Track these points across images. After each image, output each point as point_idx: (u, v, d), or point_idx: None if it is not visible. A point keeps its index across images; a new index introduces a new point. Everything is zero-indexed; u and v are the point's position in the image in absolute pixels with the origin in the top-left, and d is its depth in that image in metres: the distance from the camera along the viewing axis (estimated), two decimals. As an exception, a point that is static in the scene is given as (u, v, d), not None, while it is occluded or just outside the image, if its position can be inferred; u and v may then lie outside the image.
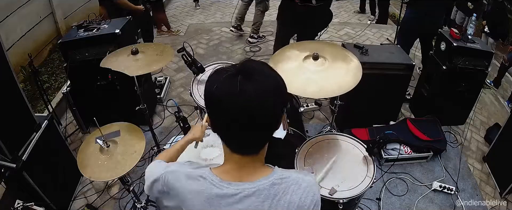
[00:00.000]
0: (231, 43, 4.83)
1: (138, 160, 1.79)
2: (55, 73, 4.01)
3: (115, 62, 2.12)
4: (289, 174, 0.89)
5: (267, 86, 0.78)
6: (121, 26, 2.73)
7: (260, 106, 0.77)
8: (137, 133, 1.94)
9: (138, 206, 2.22)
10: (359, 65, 1.90)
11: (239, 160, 0.87)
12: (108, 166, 1.77)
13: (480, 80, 3.03)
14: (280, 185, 0.85)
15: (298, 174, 0.91)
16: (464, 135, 3.26)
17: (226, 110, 0.78)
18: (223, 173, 0.87)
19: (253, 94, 0.76)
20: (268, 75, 0.82)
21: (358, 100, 2.62)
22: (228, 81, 0.77)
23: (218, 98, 0.79)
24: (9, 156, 1.97)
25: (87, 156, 1.82)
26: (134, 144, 1.87)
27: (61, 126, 3.03)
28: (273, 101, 0.80)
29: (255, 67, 0.82)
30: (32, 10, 4.00)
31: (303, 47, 2.05)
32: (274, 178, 0.86)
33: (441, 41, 3.03)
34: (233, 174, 0.87)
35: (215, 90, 0.79)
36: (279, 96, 0.82)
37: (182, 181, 0.89)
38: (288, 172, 0.90)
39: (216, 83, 0.79)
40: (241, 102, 0.76)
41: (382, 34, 5.27)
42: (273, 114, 0.82)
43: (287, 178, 0.87)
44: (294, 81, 1.81)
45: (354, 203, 1.92)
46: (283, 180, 0.86)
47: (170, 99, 3.58)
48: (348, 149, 1.95)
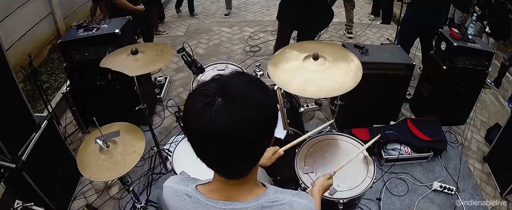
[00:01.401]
0: (231, 43, 4.83)
1: (137, 160, 1.79)
2: (55, 73, 4.00)
3: (115, 62, 2.12)
4: (283, 197, 0.83)
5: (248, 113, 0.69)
6: (121, 26, 2.73)
7: (240, 135, 0.69)
8: (137, 133, 1.93)
9: (138, 206, 2.22)
10: (360, 65, 1.90)
11: (226, 181, 0.82)
12: (107, 166, 1.77)
13: (480, 80, 3.02)
14: (271, 208, 0.80)
15: (292, 197, 0.84)
16: (465, 135, 3.25)
17: (203, 139, 0.71)
18: (210, 192, 0.83)
19: (231, 124, 0.67)
20: (250, 99, 0.71)
21: (358, 100, 2.61)
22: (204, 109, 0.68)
23: (194, 127, 0.72)
24: (9, 156, 1.97)
25: (86, 156, 1.82)
26: (133, 144, 1.87)
27: (61, 126, 3.03)
28: (256, 129, 0.71)
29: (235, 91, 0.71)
30: (31, 10, 3.99)
31: (303, 47, 2.04)
32: (264, 201, 0.80)
33: (442, 41, 3.03)
34: (221, 193, 0.82)
35: (191, 119, 0.71)
36: (264, 122, 0.73)
37: (171, 199, 0.88)
38: (282, 194, 0.83)
39: (191, 112, 0.71)
40: (218, 132, 0.68)
41: (382, 34, 5.26)
42: (256, 142, 0.74)
43: (279, 201, 0.81)
44: (294, 81, 1.80)
45: (354, 203, 1.91)
46: (274, 203, 0.80)
47: (170, 99, 3.58)
48: (348, 149, 1.95)
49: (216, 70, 2.39)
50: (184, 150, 1.92)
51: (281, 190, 0.85)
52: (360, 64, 1.89)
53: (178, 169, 1.82)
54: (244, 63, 4.24)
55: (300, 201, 0.83)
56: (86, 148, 1.86)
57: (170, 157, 1.96)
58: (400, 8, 4.19)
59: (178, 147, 1.96)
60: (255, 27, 5.27)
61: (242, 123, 0.68)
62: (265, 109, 0.73)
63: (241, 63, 4.13)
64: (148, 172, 2.70)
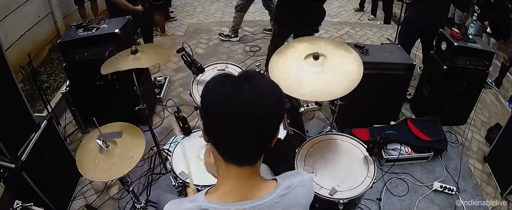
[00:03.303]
0: (231, 43, 4.82)
1: (133, 166, 1.76)
2: (54, 73, 4.00)
3: (115, 64, 2.10)
4: (292, 180, 0.89)
5: (266, 91, 0.77)
6: (120, 26, 2.72)
7: (259, 110, 0.75)
8: (138, 136, 1.90)
9: (138, 206, 2.21)
10: (360, 61, 1.88)
11: (237, 174, 0.82)
12: (104, 166, 1.76)
13: (481, 80, 3.02)
14: (289, 194, 0.85)
15: (296, 177, 0.91)
16: (465, 135, 3.25)
17: (223, 115, 0.75)
18: (223, 195, 0.82)
19: (252, 99, 0.74)
20: (266, 81, 0.81)
21: (358, 100, 2.60)
22: (226, 86, 0.76)
23: (215, 103, 0.76)
24: (8, 156, 1.96)
25: (85, 155, 1.81)
26: (132, 148, 1.84)
27: (60, 126, 3.02)
28: (272, 106, 0.78)
29: (257, 75, 0.81)
30: (31, 10, 3.99)
31: (303, 47, 2.03)
32: (281, 189, 0.85)
33: (442, 41, 3.02)
34: (235, 193, 0.82)
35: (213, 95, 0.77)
36: (279, 101, 0.81)
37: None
38: (289, 178, 0.90)
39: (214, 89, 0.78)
40: (239, 107, 0.74)
41: (382, 34, 5.26)
42: (272, 119, 0.79)
43: (292, 185, 0.87)
44: (294, 81, 1.80)
45: (355, 204, 1.91)
46: (289, 189, 0.86)
47: (170, 99, 3.57)
48: (348, 149, 1.95)
49: (216, 70, 2.38)
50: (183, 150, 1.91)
51: (285, 176, 0.92)
52: (361, 64, 1.88)
53: (178, 169, 1.81)
54: (244, 63, 4.24)
55: (305, 178, 0.94)
56: (85, 147, 1.85)
57: (170, 157, 1.95)
58: (400, 8, 4.18)
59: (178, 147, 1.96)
60: (255, 27, 5.26)
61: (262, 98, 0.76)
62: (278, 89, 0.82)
63: (241, 63, 4.12)
64: (148, 172, 2.69)
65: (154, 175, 2.69)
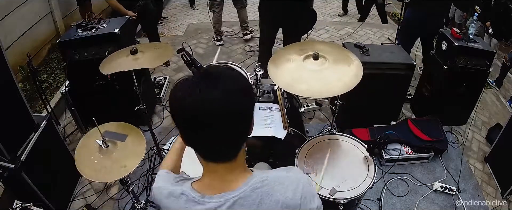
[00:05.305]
0: (231, 43, 4.81)
1: (123, 176, 1.75)
2: (54, 73, 3.99)
3: (114, 65, 2.10)
4: (271, 174, 0.87)
5: (233, 88, 0.76)
6: (120, 26, 2.72)
7: (227, 109, 0.74)
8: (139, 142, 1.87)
9: (138, 206, 2.21)
10: (360, 65, 1.88)
11: (215, 169, 0.83)
12: (95, 167, 1.74)
13: (481, 80, 3.01)
14: (262, 188, 0.82)
15: (278, 172, 0.89)
16: (466, 135, 3.24)
17: (192, 117, 0.75)
18: (204, 187, 0.85)
19: (218, 98, 0.73)
20: (233, 77, 0.80)
21: (358, 100, 2.60)
22: (193, 87, 0.76)
23: (182, 106, 0.76)
24: (8, 156, 1.96)
25: (82, 153, 1.80)
26: (129, 156, 1.79)
27: (60, 126, 3.02)
28: (241, 104, 0.77)
29: (218, 71, 0.81)
30: (30, 10, 3.98)
31: (304, 47, 2.03)
32: (254, 182, 0.82)
33: (442, 40, 3.01)
34: (215, 186, 0.84)
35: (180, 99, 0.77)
36: (247, 97, 0.80)
37: (165, 199, 0.88)
38: (267, 172, 0.88)
39: (180, 92, 0.77)
40: (206, 107, 0.73)
41: (383, 33, 5.25)
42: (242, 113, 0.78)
43: (268, 179, 0.84)
44: (294, 81, 1.79)
45: (355, 204, 1.91)
46: (264, 183, 0.83)
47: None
48: (348, 149, 1.94)
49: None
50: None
51: (268, 171, 0.90)
52: (360, 64, 1.88)
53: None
54: (244, 63, 4.23)
55: (288, 175, 0.88)
56: (84, 146, 1.84)
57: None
58: (400, 8, 4.17)
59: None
60: (254, 27, 5.25)
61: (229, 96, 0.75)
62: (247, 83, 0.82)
63: (241, 63, 4.12)
64: (147, 172, 2.69)
65: (154, 175, 2.68)
